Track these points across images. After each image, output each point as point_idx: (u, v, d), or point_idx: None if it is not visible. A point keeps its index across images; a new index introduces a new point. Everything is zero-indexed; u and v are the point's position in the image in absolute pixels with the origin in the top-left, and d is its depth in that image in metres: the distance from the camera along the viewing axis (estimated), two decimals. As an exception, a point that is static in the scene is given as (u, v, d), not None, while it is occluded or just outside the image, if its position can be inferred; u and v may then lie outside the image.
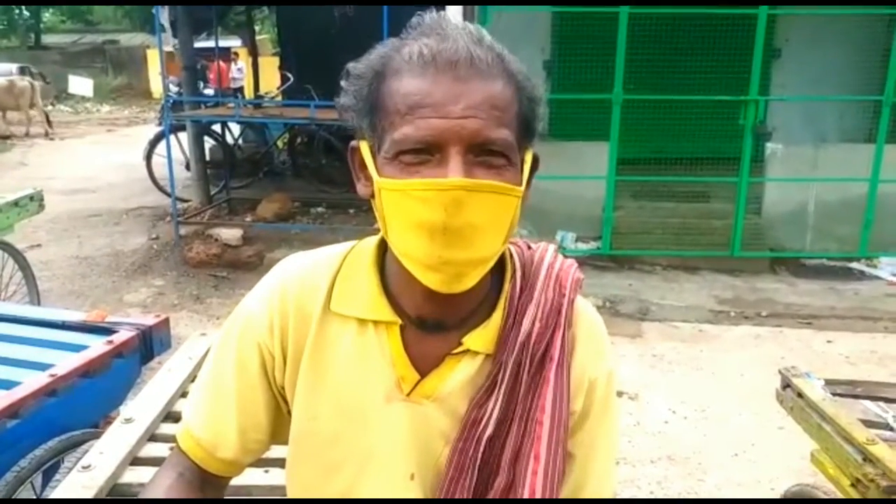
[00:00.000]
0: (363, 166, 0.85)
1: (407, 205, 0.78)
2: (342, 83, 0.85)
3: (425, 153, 0.77)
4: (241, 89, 13.86)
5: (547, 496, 0.87)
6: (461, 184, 0.75)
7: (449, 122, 0.76)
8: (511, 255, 0.94)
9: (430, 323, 0.89)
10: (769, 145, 6.21)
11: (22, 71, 21.46)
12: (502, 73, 0.80)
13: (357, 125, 0.84)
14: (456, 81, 0.77)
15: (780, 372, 2.14)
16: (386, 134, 0.79)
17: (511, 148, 0.79)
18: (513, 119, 0.80)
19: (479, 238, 0.78)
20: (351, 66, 0.84)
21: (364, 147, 0.84)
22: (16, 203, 4.23)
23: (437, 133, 0.76)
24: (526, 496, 0.86)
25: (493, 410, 0.87)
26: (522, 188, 0.82)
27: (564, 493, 0.91)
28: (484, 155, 0.78)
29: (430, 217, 0.76)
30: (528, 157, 0.85)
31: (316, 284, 0.92)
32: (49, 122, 15.20)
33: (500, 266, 0.91)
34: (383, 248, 0.92)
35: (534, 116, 0.84)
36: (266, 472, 1.59)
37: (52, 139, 14.31)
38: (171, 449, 1.01)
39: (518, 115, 0.81)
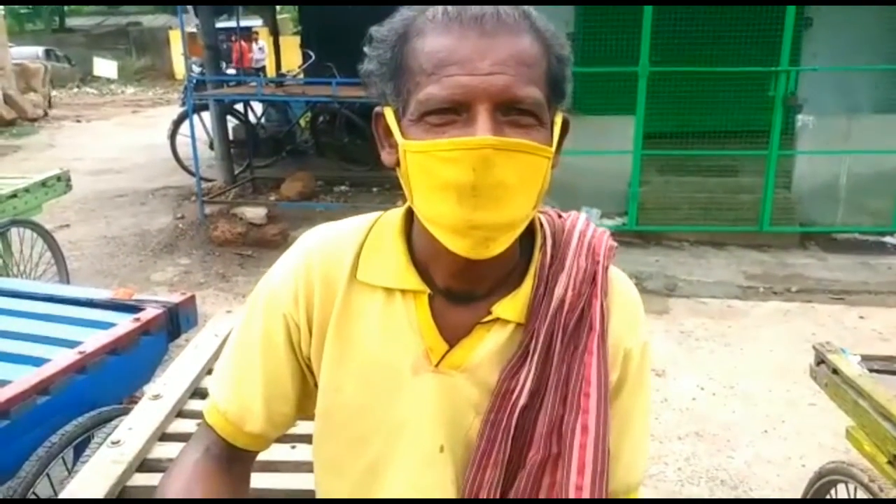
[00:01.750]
0: (388, 133, 0.82)
1: (433, 166, 0.75)
2: (365, 49, 0.82)
3: (452, 112, 0.74)
4: (262, 69, 13.82)
5: (598, 469, 0.85)
6: (490, 142, 0.72)
7: (476, 78, 0.73)
8: (541, 224, 0.91)
9: (458, 293, 0.87)
10: (800, 117, 6.05)
11: (48, 54, 21.73)
12: (529, 28, 0.77)
13: (381, 91, 0.82)
14: (482, 36, 0.74)
15: (814, 348, 2.10)
16: (411, 96, 0.77)
17: (540, 107, 0.76)
18: (542, 77, 0.77)
19: (509, 199, 0.75)
20: (374, 30, 0.82)
21: (388, 113, 0.81)
22: (43, 184, 4.29)
23: (463, 91, 0.73)
24: (574, 470, 0.84)
25: (525, 381, 0.85)
26: (552, 149, 0.79)
27: None
28: (513, 114, 0.75)
29: (457, 177, 0.74)
30: (558, 120, 0.82)
31: (341, 254, 0.91)
32: (50, 104, 15.33)
33: (529, 234, 0.88)
34: (409, 218, 0.90)
35: (563, 76, 0.81)
36: (293, 447, 1.59)
37: (45, 119, 14.39)
38: (199, 425, 1.00)
39: (547, 73, 0.78)
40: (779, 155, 5.67)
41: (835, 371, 1.98)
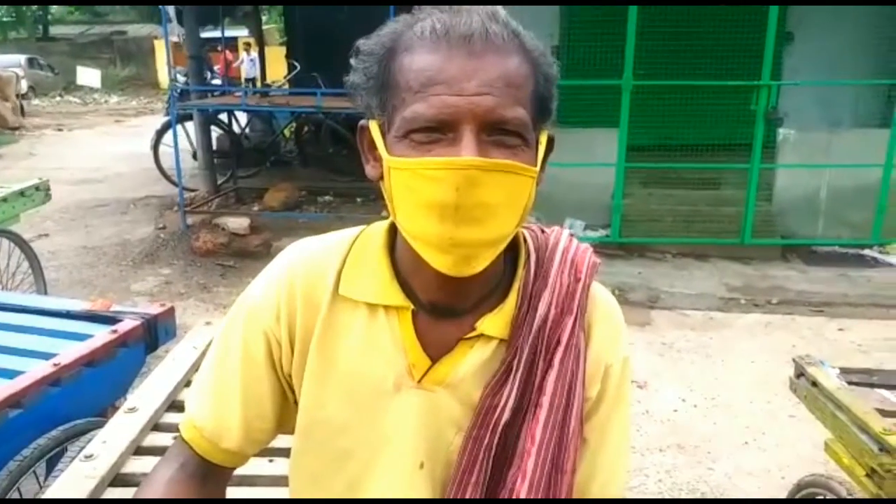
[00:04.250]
0: (372, 147, 0.82)
1: (417, 184, 0.75)
2: (352, 61, 0.82)
3: (437, 132, 0.74)
4: (253, 80, 13.74)
5: (535, 481, 0.84)
6: (474, 163, 0.72)
7: (462, 99, 0.73)
8: (525, 240, 0.91)
9: (441, 308, 0.87)
10: (781, 131, 6.12)
11: (30, 62, 21.58)
12: (518, 48, 0.77)
13: (366, 104, 0.81)
14: (470, 57, 0.74)
15: (794, 360, 2.11)
16: (396, 112, 0.77)
17: (526, 127, 0.76)
18: (528, 97, 0.77)
19: (492, 218, 0.75)
20: (361, 42, 0.81)
21: (373, 126, 0.81)
22: (22, 193, 4.24)
23: (450, 111, 0.73)
24: (519, 480, 0.85)
25: (508, 398, 0.85)
26: (537, 169, 0.79)
27: (578, 478, 0.89)
28: (498, 134, 0.75)
29: (441, 197, 0.73)
30: (543, 139, 0.82)
31: (324, 269, 0.90)
32: (22, 113, 15.19)
33: (513, 251, 0.89)
34: (393, 232, 0.89)
35: (550, 95, 0.81)
36: (271, 461, 1.57)
37: (19, 131, 14.19)
38: (175, 439, 0.98)
39: (534, 93, 0.78)
40: (760, 168, 5.73)
41: (814, 383, 1.99)
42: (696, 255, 5.91)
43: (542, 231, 0.95)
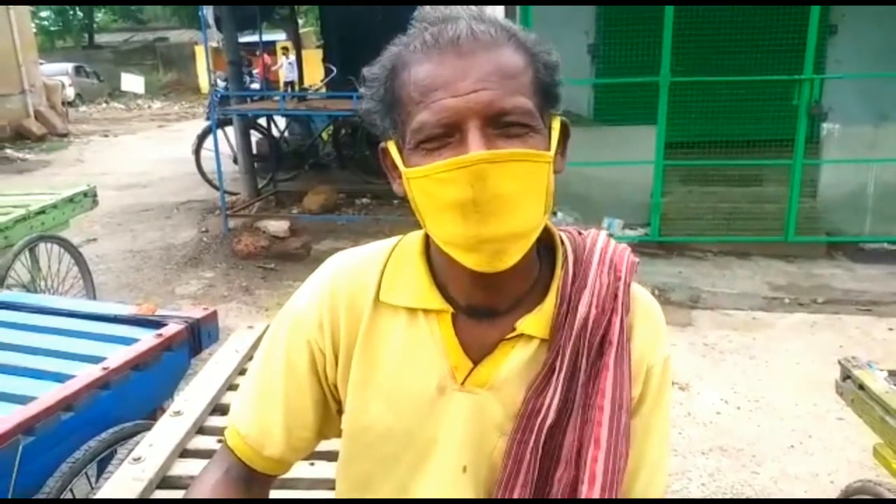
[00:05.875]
0: (394, 166, 0.84)
1: (434, 188, 0.77)
2: (361, 90, 0.85)
3: (445, 136, 0.76)
4: (292, 83, 13.93)
5: (608, 483, 0.84)
6: (482, 157, 0.74)
7: (460, 99, 0.75)
8: (562, 241, 0.92)
9: (480, 310, 0.87)
10: (825, 125, 5.98)
11: (77, 70, 22.21)
12: (508, 41, 0.79)
13: (381, 127, 0.84)
14: (460, 57, 0.76)
15: (839, 362, 2.06)
16: (406, 126, 0.79)
17: (530, 114, 0.77)
18: (528, 85, 0.78)
19: (513, 209, 0.76)
20: (365, 70, 0.85)
21: (391, 146, 0.84)
22: (70, 199, 4.37)
23: (451, 112, 0.75)
24: (586, 483, 0.84)
25: (552, 399, 0.85)
26: (551, 153, 0.80)
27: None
28: (504, 126, 0.76)
29: (457, 195, 0.75)
30: (556, 124, 0.83)
31: (365, 278, 0.92)
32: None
33: (550, 251, 0.90)
34: (428, 239, 0.91)
35: (553, 82, 0.82)
36: (312, 464, 1.60)
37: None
38: (220, 443, 1.01)
39: (534, 80, 0.79)
40: (804, 164, 5.60)
41: (861, 387, 1.94)
42: (737, 253, 5.81)
43: (580, 233, 0.96)
